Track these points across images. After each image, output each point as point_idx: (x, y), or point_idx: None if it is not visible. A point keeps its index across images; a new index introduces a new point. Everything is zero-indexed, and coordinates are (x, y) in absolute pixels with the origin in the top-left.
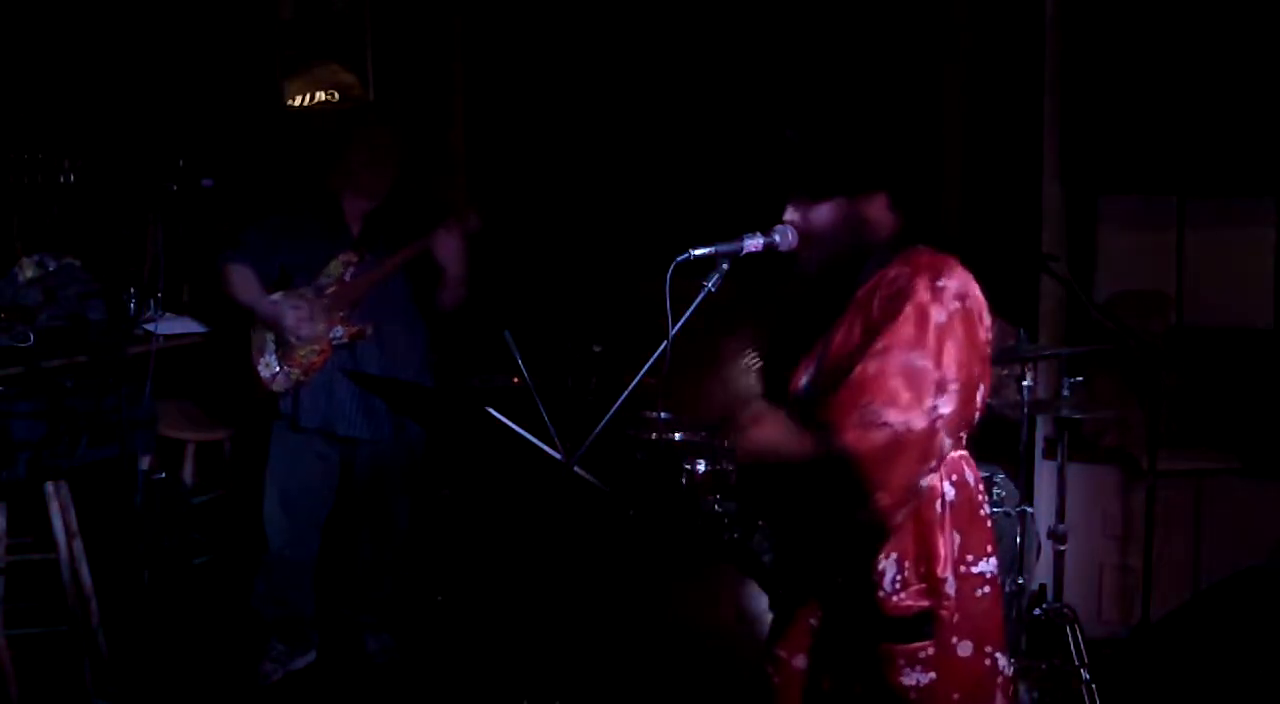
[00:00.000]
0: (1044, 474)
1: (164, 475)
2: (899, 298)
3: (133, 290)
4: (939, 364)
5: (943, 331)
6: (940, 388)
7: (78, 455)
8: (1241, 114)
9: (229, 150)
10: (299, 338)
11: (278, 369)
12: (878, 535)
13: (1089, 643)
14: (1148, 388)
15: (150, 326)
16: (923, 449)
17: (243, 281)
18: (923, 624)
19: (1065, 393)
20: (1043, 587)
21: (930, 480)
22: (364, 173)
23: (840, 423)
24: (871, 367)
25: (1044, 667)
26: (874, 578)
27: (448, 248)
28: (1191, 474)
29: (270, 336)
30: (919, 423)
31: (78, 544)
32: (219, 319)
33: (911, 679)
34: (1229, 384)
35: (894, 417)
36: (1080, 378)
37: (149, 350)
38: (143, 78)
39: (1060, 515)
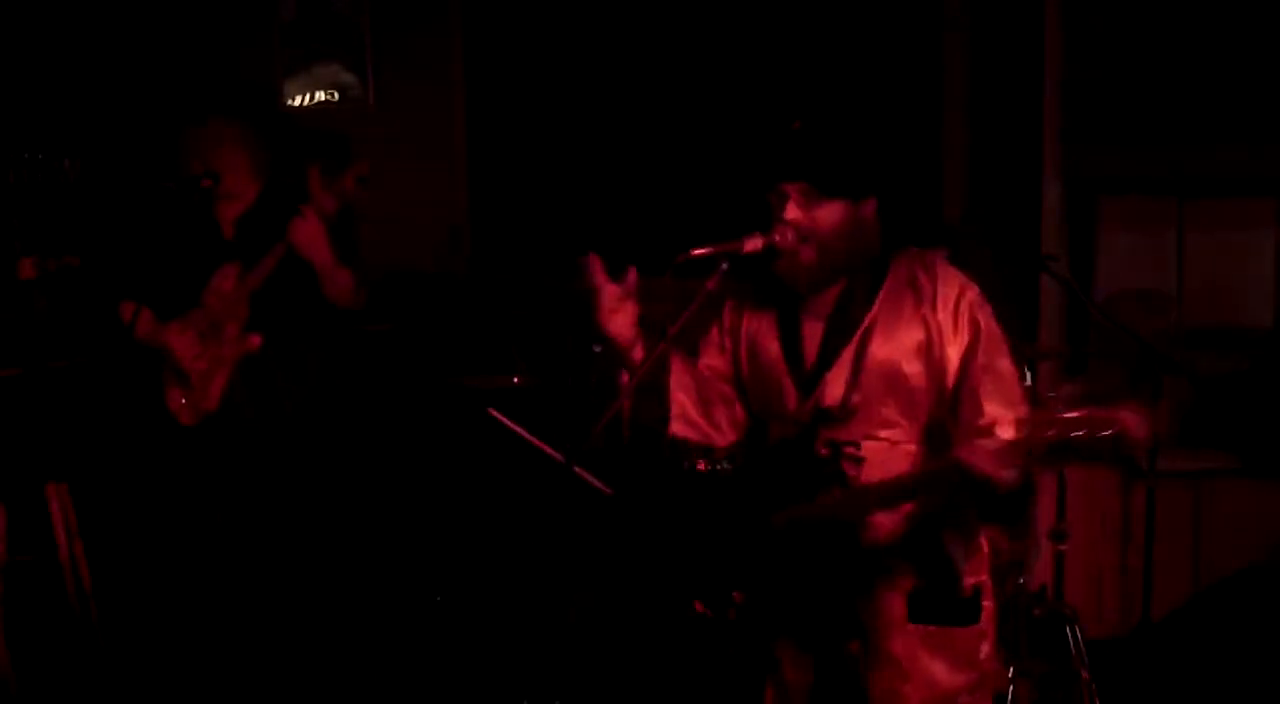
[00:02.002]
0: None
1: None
2: (965, 313)
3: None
4: (1017, 366)
5: (1003, 338)
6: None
7: (78, 455)
8: (1241, 114)
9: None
10: (192, 367)
11: (183, 401)
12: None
13: (1089, 643)
14: (1147, 388)
15: None
16: None
17: (134, 315)
18: (980, 597)
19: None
20: (1043, 587)
21: None
22: (223, 175)
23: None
24: (993, 387)
25: (1044, 667)
26: (954, 566)
27: (305, 237)
28: (1191, 474)
29: (170, 369)
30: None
31: (78, 544)
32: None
33: (985, 651)
34: (1229, 384)
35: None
36: (1080, 378)
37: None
38: (143, 78)
39: (1060, 515)
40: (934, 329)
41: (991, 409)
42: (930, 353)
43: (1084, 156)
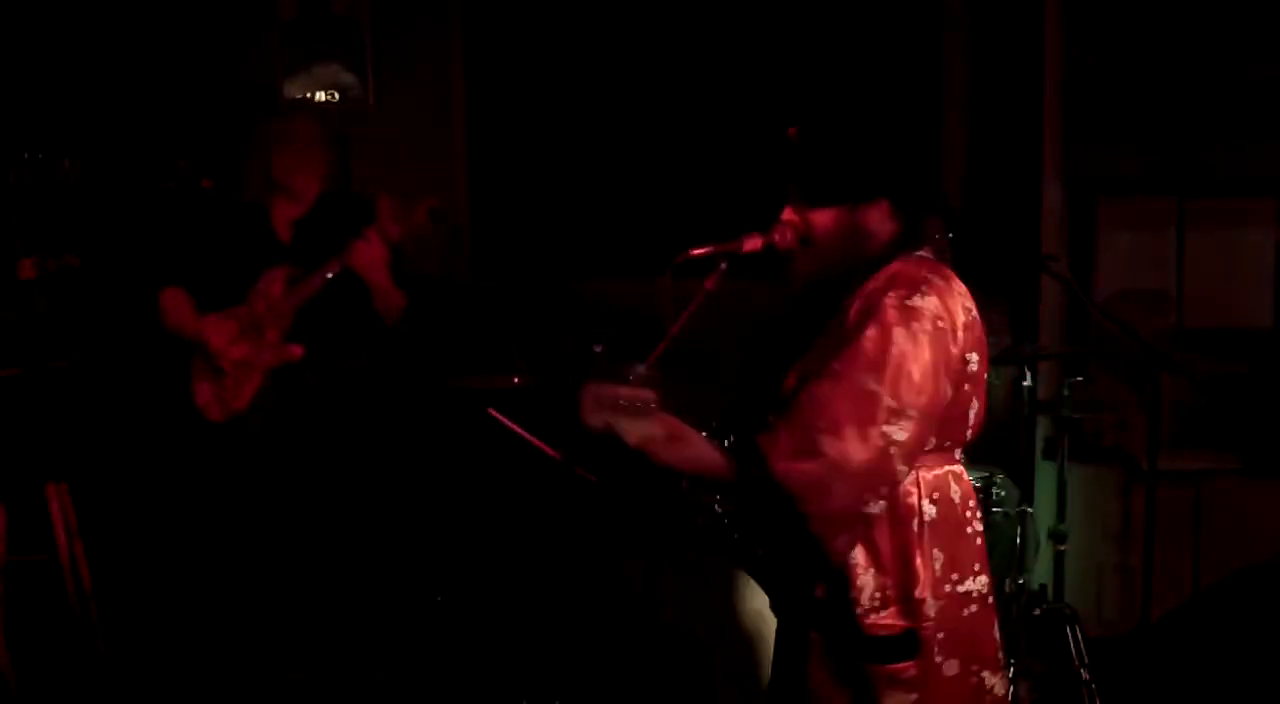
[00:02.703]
0: (1044, 474)
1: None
2: (865, 316)
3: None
4: (895, 390)
5: (905, 355)
6: (894, 414)
7: (77, 456)
8: (1241, 114)
9: (229, 150)
10: (228, 362)
11: (212, 396)
12: (821, 556)
13: (1089, 643)
14: (1148, 388)
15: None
16: (863, 479)
17: (175, 306)
18: (904, 645)
19: (1065, 393)
20: (1043, 587)
21: (909, 500)
22: (293, 176)
23: (774, 447)
24: (821, 390)
25: (1044, 667)
26: (852, 595)
27: (366, 261)
28: (1191, 474)
29: (204, 362)
30: (859, 453)
31: (78, 544)
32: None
33: (894, 699)
34: (1229, 384)
35: (830, 446)
36: (1080, 378)
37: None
38: (143, 78)
39: (1060, 515)
40: (848, 337)
41: (783, 419)
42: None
43: (1084, 156)
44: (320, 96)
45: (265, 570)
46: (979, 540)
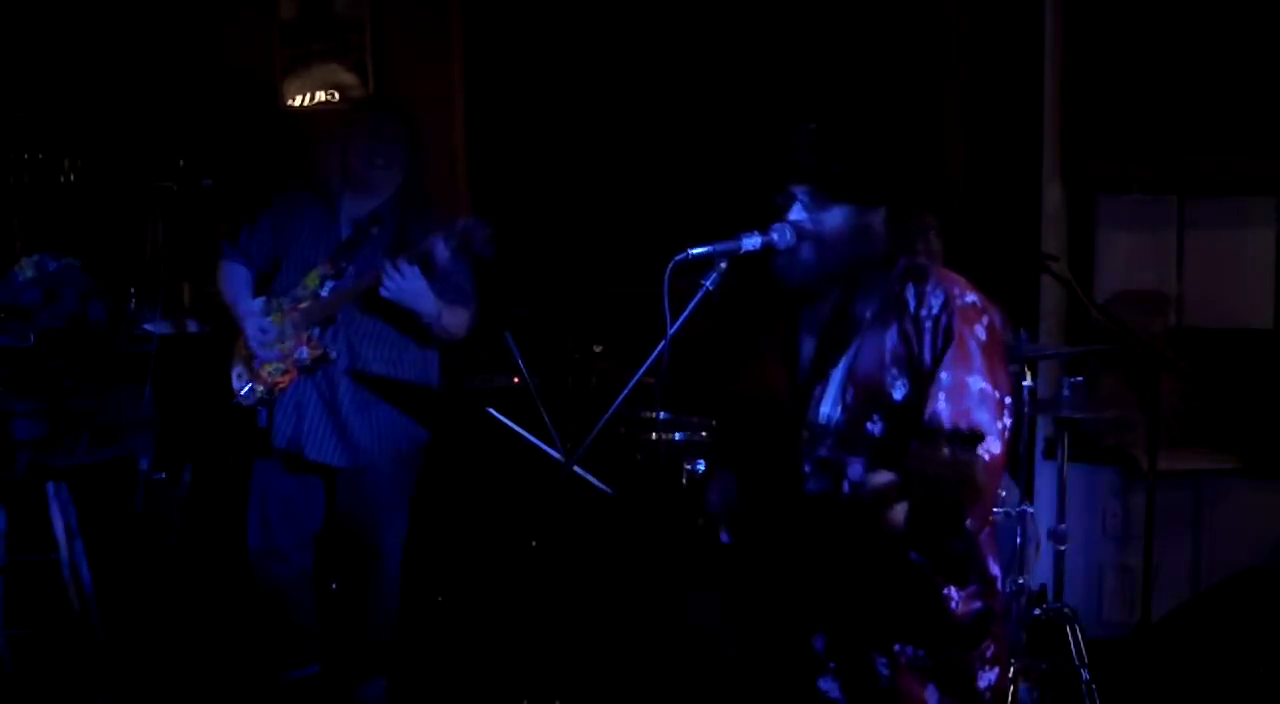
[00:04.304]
0: (1044, 474)
1: (164, 475)
2: (943, 323)
3: (133, 290)
4: (996, 384)
5: (988, 351)
6: (1002, 406)
7: (78, 455)
8: (1241, 113)
9: (229, 150)
10: (261, 353)
11: (247, 383)
12: (962, 557)
13: (1089, 643)
14: (1148, 388)
15: (150, 327)
16: (1001, 469)
17: (230, 281)
18: (984, 624)
19: (1065, 393)
20: (1043, 587)
21: None
22: (368, 170)
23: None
24: (946, 401)
25: (1044, 667)
26: (944, 592)
27: (393, 290)
28: (1191, 474)
29: (244, 347)
30: (997, 447)
31: (78, 544)
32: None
33: (985, 680)
34: (1229, 384)
35: (981, 446)
36: (1080, 378)
37: (149, 350)
38: (143, 78)
39: (1060, 515)
40: (914, 342)
41: (926, 433)
42: (914, 369)
43: (1084, 156)
44: (320, 96)
45: (269, 570)
46: None
